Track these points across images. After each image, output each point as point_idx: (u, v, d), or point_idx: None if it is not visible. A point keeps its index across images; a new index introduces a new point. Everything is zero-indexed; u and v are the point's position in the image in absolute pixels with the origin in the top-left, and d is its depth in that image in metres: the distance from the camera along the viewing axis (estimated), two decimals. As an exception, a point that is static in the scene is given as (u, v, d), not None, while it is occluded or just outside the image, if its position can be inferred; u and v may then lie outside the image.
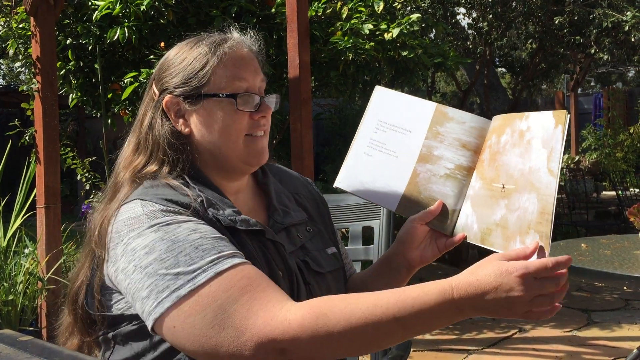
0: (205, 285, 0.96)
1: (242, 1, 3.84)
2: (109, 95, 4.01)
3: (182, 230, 1.01)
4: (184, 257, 0.98)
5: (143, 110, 1.21)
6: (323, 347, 0.93)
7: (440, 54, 4.34)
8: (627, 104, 13.20)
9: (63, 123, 11.96)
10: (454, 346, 4.05)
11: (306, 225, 1.27)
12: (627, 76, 20.68)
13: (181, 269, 0.97)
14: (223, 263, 0.98)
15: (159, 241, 1.00)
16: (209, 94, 1.14)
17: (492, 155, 1.17)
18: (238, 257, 1.01)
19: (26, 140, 3.92)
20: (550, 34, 8.63)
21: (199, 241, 1.00)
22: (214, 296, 0.95)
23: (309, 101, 3.27)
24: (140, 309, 1.00)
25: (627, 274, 1.96)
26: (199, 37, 1.20)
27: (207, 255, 0.99)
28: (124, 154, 1.20)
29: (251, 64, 1.19)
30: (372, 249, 1.77)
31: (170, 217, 1.04)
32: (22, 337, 0.71)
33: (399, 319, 0.91)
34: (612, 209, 8.18)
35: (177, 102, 1.16)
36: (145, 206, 1.06)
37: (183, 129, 1.16)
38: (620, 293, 5.32)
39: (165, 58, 1.21)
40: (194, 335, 0.95)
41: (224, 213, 1.10)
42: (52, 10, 3.54)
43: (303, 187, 1.36)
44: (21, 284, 3.35)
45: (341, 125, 8.86)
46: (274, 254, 1.13)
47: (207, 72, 1.14)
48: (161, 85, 1.18)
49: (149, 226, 1.03)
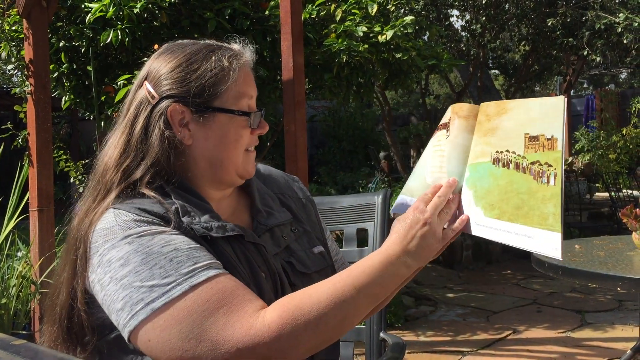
0: (181, 298, 0.95)
1: (236, 3, 3.84)
2: (102, 98, 4.00)
3: (156, 242, 1.00)
4: (158, 269, 0.97)
5: (134, 112, 1.14)
6: (304, 339, 0.95)
7: (433, 56, 4.35)
8: (620, 106, 13.27)
9: (56, 125, 11.92)
10: (449, 348, 4.05)
11: (291, 225, 1.25)
12: (620, 78, 20.79)
13: (156, 282, 0.96)
14: (198, 276, 0.97)
15: (134, 253, 0.99)
16: (223, 108, 1.13)
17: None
18: (214, 269, 0.99)
19: (19, 143, 3.90)
20: (543, 36, 8.67)
21: (173, 253, 0.99)
22: (190, 310, 0.94)
23: (303, 103, 3.27)
24: (116, 321, 0.99)
25: (620, 275, 1.97)
26: (204, 45, 1.17)
27: (182, 267, 0.97)
28: (112, 153, 1.15)
29: (253, 80, 1.19)
30: (367, 251, 1.76)
31: (143, 228, 1.02)
32: (15, 340, 0.71)
33: (357, 287, 1.00)
34: (605, 210, 8.21)
35: (183, 112, 1.12)
36: (118, 216, 1.04)
37: (186, 139, 1.12)
38: (614, 294, 5.34)
39: (165, 61, 1.15)
40: (170, 349, 0.94)
41: (200, 220, 1.07)
42: (45, 13, 3.53)
43: (287, 187, 1.34)
44: (14, 288, 3.33)
45: (335, 127, 8.86)
46: (256, 256, 1.12)
47: (224, 87, 1.12)
48: (163, 90, 1.13)
49: (123, 237, 1.01)
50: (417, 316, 4.83)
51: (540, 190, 1.05)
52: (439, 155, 1.20)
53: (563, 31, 8.33)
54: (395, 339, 1.59)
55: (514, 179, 1.09)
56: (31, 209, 3.46)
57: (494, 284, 5.93)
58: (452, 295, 5.54)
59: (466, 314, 4.91)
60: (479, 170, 1.15)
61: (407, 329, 4.50)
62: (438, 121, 1.27)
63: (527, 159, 1.08)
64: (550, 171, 1.04)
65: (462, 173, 1.18)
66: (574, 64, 10.46)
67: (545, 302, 5.19)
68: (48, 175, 3.50)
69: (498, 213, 1.09)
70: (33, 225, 3.46)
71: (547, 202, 1.03)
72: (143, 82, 1.16)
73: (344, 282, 1.00)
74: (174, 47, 1.18)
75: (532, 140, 1.09)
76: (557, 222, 1.01)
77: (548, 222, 1.02)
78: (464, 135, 1.20)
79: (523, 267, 6.55)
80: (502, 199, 1.09)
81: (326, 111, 9.11)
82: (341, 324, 1.00)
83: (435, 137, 1.23)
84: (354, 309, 1.00)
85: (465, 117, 1.21)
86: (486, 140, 1.16)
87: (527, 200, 1.06)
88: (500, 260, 7.04)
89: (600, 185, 9.75)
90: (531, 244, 1.05)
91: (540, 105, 1.11)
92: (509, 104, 1.17)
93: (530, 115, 1.11)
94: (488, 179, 1.13)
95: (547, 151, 1.06)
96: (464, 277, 6.27)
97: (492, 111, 1.19)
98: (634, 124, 10.10)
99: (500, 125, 1.15)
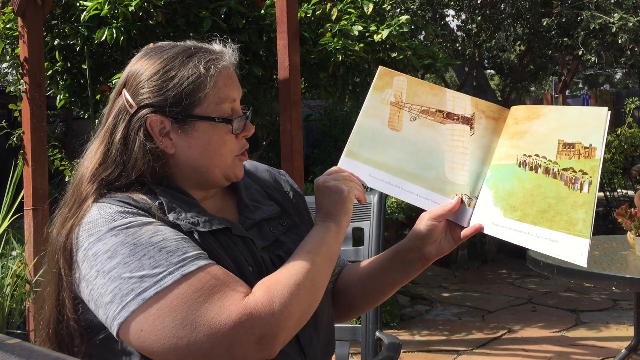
0: (174, 287, 0.95)
1: (231, 2, 3.83)
2: (97, 97, 3.99)
3: (143, 233, 0.99)
4: (148, 259, 0.96)
5: (113, 120, 1.11)
6: (292, 307, 0.99)
7: (429, 56, 4.36)
8: (615, 106, 13.31)
9: (51, 124, 11.86)
10: (444, 347, 4.06)
11: (280, 218, 1.24)
12: (615, 78, 20.84)
13: (146, 272, 0.95)
14: (189, 265, 0.97)
15: (121, 245, 0.98)
16: (203, 116, 1.10)
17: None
18: (203, 259, 0.99)
19: (14, 141, 3.89)
20: (538, 36, 8.68)
21: (162, 243, 0.98)
22: (183, 297, 0.94)
23: (299, 102, 3.26)
24: (104, 315, 0.97)
25: (615, 275, 1.97)
26: (182, 49, 1.13)
27: (172, 257, 0.97)
28: (88, 163, 1.11)
29: (236, 81, 1.16)
30: (362, 250, 1.76)
31: (129, 219, 1.01)
32: (10, 340, 0.70)
33: (311, 252, 1.09)
34: (601, 209, 8.23)
35: (162, 121, 1.09)
36: (102, 208, 1.03)
37: (168, 149, 1.10)
38: (609, 293, 5.36)
39: (142, 67, 1.12)
40: (165, 337, 0.93)
41: (186, 216, 1.07)
42: (40, 11, 3.52)
43: (274, 180, 1.33)
44: (8, 287, 3.32)
45: (331, 126, 8.85)
46: (243, 249, 1.11)
47: (202, 95, 1.09)
48: (140, 98, 1.10)
49: (108, 230, 1.00)
50: (413, 315, 4.83)
51: (570, 196, 1.05)
52: (461, 152, 1.20)
53: (558, 31, 8.35)
54: (391, 338, 1.60)
55: (542, 183, 1.09)
56: (26, 207, 3.45)
57: (490, 284, 5.94)
58: (448, 294, 5.55)
59: (461, 313, 4.91)
60: (502, 172, 1.15)
61: (403, 328, 4.50)
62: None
63: (559, 164, 1.09)
64: (584, 178, 1.05)
65: (483, 173, 1.18)
66: (569, 64, 10.49)
67: (541, 302, 5.20)
68: (43, 174, 3.49)
69: (520, 215, 1.09)
70: (27, 224, 3.44)
71: (578, 208, 1.04)
72: (122, 89, 1.13)
73: (302, 253, 1.09)
74: (152, 52, 1.15)
75: (566, 147, 1.10)
76: (587, 229, 1.02)
77: (577, 228, 1.03)
78: (490, 136, 1.20)
79: (518, 266, 6.56)
80: (527, 202, 1.09)
81: (322, 110, 9.10)
82: (313, 287, 1.05)
83: (450, 129, 1.22)
84: (317, 271, 1.07)
85: (494, 118, 1.21)
86: (513, 142, 1.16)
87: (554, 204, 1.06)
88: (496, 259, 7.05)
89: (595, 185, 9.76)
90: (554, 248, 1.05)
91: (580, 114, 1.12)
92: (543, 109, 1.17)
93: (566, 122, 1.11)
94: (512, 181, 1.13)
95: (583, 159, 1.06)
96: (459, 277, 6.28)
97: (522, 115, 1.19)
98: (629, 124, 10.12)
99: (530, 130, 1.15)
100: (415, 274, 1.30)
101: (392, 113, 1.23)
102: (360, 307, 1.38)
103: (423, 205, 1.21)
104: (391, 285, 1.33)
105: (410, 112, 1.23)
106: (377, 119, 1.23)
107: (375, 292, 1.34)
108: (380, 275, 1.31)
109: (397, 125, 1.22)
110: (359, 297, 1.35)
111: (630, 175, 8.82)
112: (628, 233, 2.35)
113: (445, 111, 1.23)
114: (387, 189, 1.21)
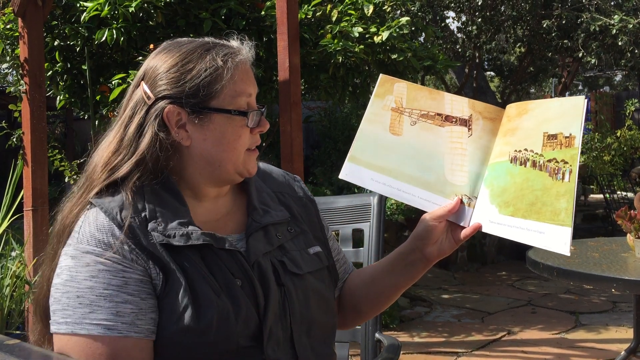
0: (68, 337, 1.01)
1: (231, 3, 3.83)
2: (97, 97, 3.98)
3: (85, 271, 1.03)
4: (69, 298, 1.02)
5: (130, 112, 1.14)
6: None
7: (429, 57, 4.35)
8: (614, 108, 13.33)
9: (51, 125, 11.87)
10: (443, 348, 4.06)
11: (288, 224, 1.23)
12: (614, 80, 20.86)
13: (64, 307, 1.02)
14: (83, 326, 1.01)
15: (67, 270, 1.04)
16: (219, 108, 1.11)
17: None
18: (111, 328, 1.01)
19: (13, 142, 3.89)
20: (538, 37, 8.70)
21: (85, 291, 1.02)
22: (76, 351, 1.00)
23: (299, 104, 3.26)
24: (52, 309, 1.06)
25: (614, 276, 1.98)
26: (200, 43, 1.15)
27: (81, 308, 1.01)
28: (102, 153, 1.14)
29: (252, 77, 1.17)
30: (362, 252, 1.76)
31: (92, 248, 1.04)
32: (9, 340, 0.70)
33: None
34: (600, 212, 8.23)
35: (179, 112, 1.11)
36: (90, 217, 1.07)
37: (184, 140, 1.12)
38: (608, 295, 5.36)
39: (161, 60, 1.14)
40: None
41: (166, 227, 1.06)
42: (40, 11, 3.52)
43: (288, 185, 1.33)
44: (8, 287, 3.32)
45: (331, 128, 8.84)
46: (230, 263, 1.09)
47: (219, 86, 1.11)
48: (158, 90, 1.12)
49: (74, 247, 1.05)
50: (412, 317, 4.83)
51: (554, 187, 1.06)
52: (460, 154, 1.20)
53: (558, 33, 8.35)
54: (391, 340, 1.59)
55: (530, 177, 1.10)
56: (25, 208, 3.45)
57: (489, 285, 5.94)
58: (447, 296, 5.55)
59: (461, 315, 4.91)
60: (497, 169, 1.16)
61: (402, 329, 4.50)
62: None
63: (544, 156, 1.10)
64: (565, 168, 1.06)
65: (482, 173, 1.19)
66: (569, 66, 10.49)
67: (540, 304, 5.20)
68: (42, 175, 3.49)
69: (512, 210, 1.10)
70: (27, 225, 3.44)
71: (561, 197, 1.04)
72: (140, 82, 1.15)
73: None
74: (171, 46, 1.16)
75: (550, 138, 1.11)
76: (569, 218, 1.02)
77: (560, 217, 1.03)
78: (488, 136, 1.21)
79: (518, 268, 6.56)
80: (517, 197, 1.10)
81: (322, 112, 9.09)
82: None
83: (449, 131, 1.22)
84: None
85: (491, 119, 1.22)
86: (505, 140, 1.17)
87: (540, 196, 1.07)
88: (495, 261, 7.06)
89: (595, 187, 9.78)
90: (542, 240, 1.05)
91: (560, 105, 1.13)
92: (530, 104, 1.18)
93: (550, 115, 1.13)
94: (505, 177, 1.14)
95: (564, 148, 1.08)
96: (459, 278, 6.28)
97: (513, 112, 1.20)
98: (628, 126, 10.13)
99: (520, 125, 1.16)
100: (417, 276, 1.29)
101: (393, 118, 1.24)
102: (365, 312, 1.38)
103: (424, 206, 1.21)
104: (395, 288, 1.32)
105: (411, 117, 1.24)
106: (379, 125, 1.24)
107: (380, 296, 1.34)
108: (383, 279, 1.31)
109: (398, 130, 1.23)
110: (364, 302, 1.35)
111: (629, 177, 8.83)
112: (628, 235, 2.35)
113: (444, 114, 1.24)
114: (389, 192, 1.21)
